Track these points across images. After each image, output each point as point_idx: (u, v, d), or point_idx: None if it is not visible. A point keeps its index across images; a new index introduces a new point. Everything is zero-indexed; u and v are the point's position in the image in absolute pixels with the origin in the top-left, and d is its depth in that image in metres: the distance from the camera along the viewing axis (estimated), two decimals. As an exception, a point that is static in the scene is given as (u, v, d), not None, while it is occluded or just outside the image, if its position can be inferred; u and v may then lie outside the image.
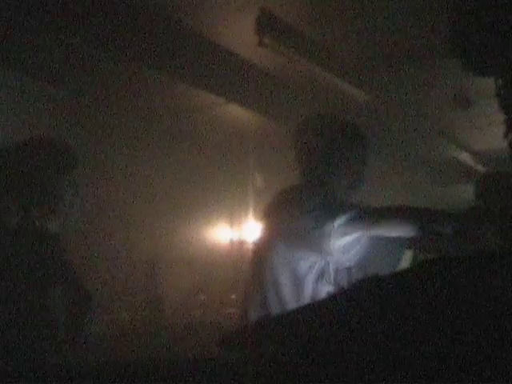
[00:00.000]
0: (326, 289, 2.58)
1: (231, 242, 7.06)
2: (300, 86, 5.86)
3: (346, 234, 2.48)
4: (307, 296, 2.54)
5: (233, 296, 6.27)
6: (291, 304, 2.49)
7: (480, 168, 8.55)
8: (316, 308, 1.25)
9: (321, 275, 2.58)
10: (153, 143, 6.13)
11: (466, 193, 4.99)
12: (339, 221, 2.46)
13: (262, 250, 2.64)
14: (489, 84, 1.70)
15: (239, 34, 4.86)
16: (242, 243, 6.90)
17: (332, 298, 1.31)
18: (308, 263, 2.55)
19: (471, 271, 1.06)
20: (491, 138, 7.05)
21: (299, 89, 5.88)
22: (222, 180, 6.70)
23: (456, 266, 1.08)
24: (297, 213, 2.54)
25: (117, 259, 5.64)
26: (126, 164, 5.80)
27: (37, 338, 2.14)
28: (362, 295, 1.13)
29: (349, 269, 2.63)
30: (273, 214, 2.68)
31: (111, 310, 5.33)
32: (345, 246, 2.50)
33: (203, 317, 6.27)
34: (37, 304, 2.16)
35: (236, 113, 5.86)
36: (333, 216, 2.47)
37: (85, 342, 2.33)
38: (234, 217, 7.06)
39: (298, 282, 2.54)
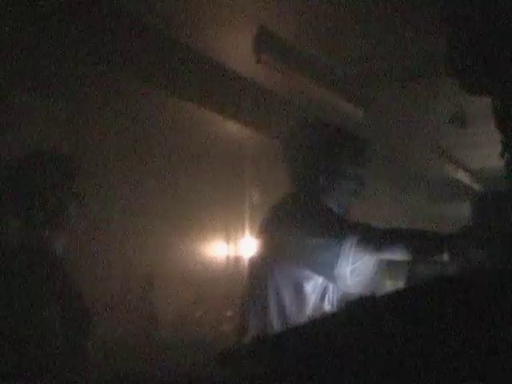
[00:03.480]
0: (328, 308, 2.53)
1: (227, 258, 7.05)
2: (298, 103, 5.87)
3: (354, 256, 2.40)
4: (309, 314, 2.48)
5: (229, 313, 6.25)
6: (294, 321, 2.43)
7: (477, 186, 8.57)
8: (314, 326, 1.25)
9: (324, 295, 2.54)
10: (150, 159, 6.13)
11: (462, 211, 4.99)
12: (350, 242, 2.38)
13: (264, 267, 2.56)
14: (486, 103, 1.71)
15: (238, 52, 4.89)
16: (238, 259, 6.89)
17: (329, 316, 1.32)
18: (313, 281, 2.50)
19: (468, 291, 1.07)
20: (488, 156, 7.07)
21: (297, 105, 5.90)
22: (218, 196, 6.71)
23: (453, 286, 1.09)
24: (299, 229, 2.46)
25: (112, 274, 5.62)
26: (122, 179, 5.80)
27: (35, 354, 2.13)
28: (358, 314, 1.13)
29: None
30: (272, 230, 2.59)
31: (106, 325, 5.31)
32: (352, 271, 2.42)
33: (199, 333, 6.24)
34: (36, 320, 2.16)
35: (233, 129, 5.88)
36: (342, 236, 2.39)
37: (83, 359, 2.32)
38: (230, 233, 7.05)
39: (302, 300, 2.48)
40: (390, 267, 2.71)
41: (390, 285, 2.82)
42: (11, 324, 2.12)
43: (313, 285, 2.50)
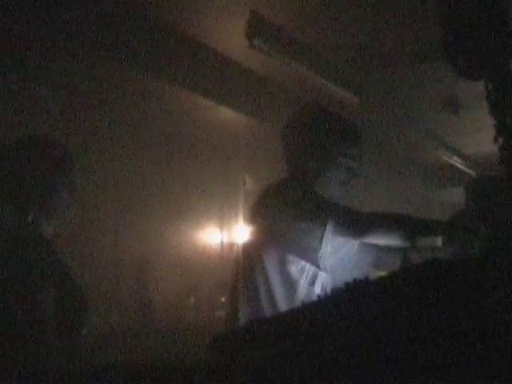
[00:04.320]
0: (318, 292, 2.54)
1: (221, 244, 7.06)
2: (290, 89, 5.86)
3: (334, 239, 2.42)
4: (300, 299, 2.44)
5: (223, 298, 6.26)
6: (284, 307, 2.41)
7: (470, 171, 8.58)
8: (305, 310, 1.25)
9: (312, 278, 2.52)
10: (143, 145, 6.12)
11: (456, 196, 5.00)
12: (329, 225, 2.38)
13: (253, 252, 2.54)
14: (478, 88, 1.71)
15: (230, 37, 4.87)
16: (232, 245, 6.89)
17: (321, 300, 1.32)
18: (299, 266, 2.48)
19: (461, 274, 1.07)
20: (481, 141, 7.08)
21: (289, 91, 5.89)
22: (212, 182, 6.71)
23: (447, 269, 1.09)
24: (287, 214, 2.44)
25: (107, 261, 5.62)
26: (116, 166, 5.79)
27: (29, 341, 2.13)
28: (352, 297, 1.13)
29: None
30: (262, 215, 2.57)
31: (101, 311, 5.31)
32: (332, 254, 2.44)
33: (193, 319, 6.26)
34: (30, 308, 2.15)
35: (226, 115, 5.86)
36: (323, 220, 2.38)
37: (77, 345, 2.32)
38: (224, 219, 7.06)
39: (290, 285, 2.47)
40: (383, 256, 2.72)
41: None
42: (4, 310, 2.12)
43: (300, 270, 2.49)
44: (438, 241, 2.40)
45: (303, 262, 2.49)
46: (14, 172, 2.34)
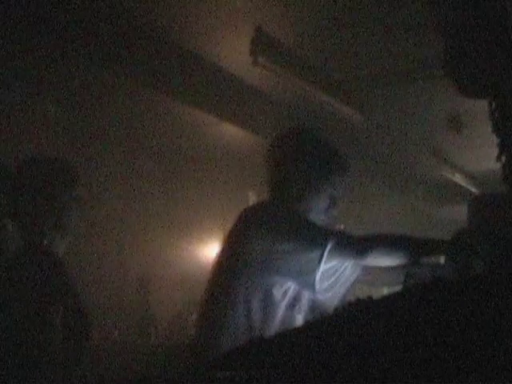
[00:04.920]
0: (298, 316, 2.46)
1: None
2: (294, 106, 5.88)
3: (328, 262, 2.35)
4: (278, 322, 2.40)
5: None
6: (261, 329, 2.35)
7: (473, 189, 8.58)
8: (308, 329, 1.25)
9: (293, 302, 2.46)
10: (146, 161, 6.13)
11: (459, 213, 4.99)
12: (330, 245, 2.32)
13: (230, 272, 2.44)
14: (481, 106, 1.72)
15: (234, 54, 4.89)
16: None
17: (324, 319, 1.32)
18: (283, 289, 2.41)
19: (465, 294, 1.07)
20: (484, 159, 7.08)
21: (294, 109, 5.90)
22: (215, 198, 6.70)
23: (450, 289, 1.09)
24: (276, 235, 2.36)
25: (109, 277, 5.62)
26: (119, 181, 5.80)
27: (36, 357, 2.13)
28: (357, 316, 1.13)
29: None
30: (245, 235, 2.46)
31: (103, 328, 5.30)
32: (324, 277, 2.37)
33: (196, 335, 6.23)
34: (37, 324, 2.15)
35: (230, 132, 5.87)
36: (325, 239, 2.33)
37: (82, 361, 2.32)
38: (227, 235, 7.03)
39: (270, 308, 2.39)
40: (385, 274, 2.71)
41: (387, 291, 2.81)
42: (13, 327, 2.12)
43: (283, 293, 2.42)
44: (441, 259, 2.40)
45: (288, 285, 2.42)
46: (25, 192, 2.35)
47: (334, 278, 2.47)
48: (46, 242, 2.34)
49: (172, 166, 6.37)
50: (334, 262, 2.39)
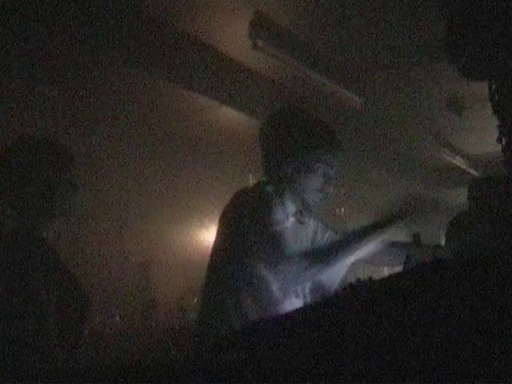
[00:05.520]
0: (297, 300, 2.45)
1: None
2: (294, 89, 5.87)
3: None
4: (274, 306, 2.39)
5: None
6: (255, 313, 2.34)
7: (474, 172, 8.59)
8: (308, 311, 1.25)
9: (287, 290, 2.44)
10: (146, 146, 6.12)
11: (459, 196, 4.99)
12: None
13: (223, 256, 2.46)
14: (482, 89, 1.71)
15: (233, 37, 4.87)
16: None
17: (324, 301, 1.32)
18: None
19: (465, 274, 1.07)
20: (485, 142, 7.08)
21: (293, 92, 5.89)
22: (215, 183, 6.70)
23: (449, 270, 1.09)
24: (268, 225, 2.33)
25: (110, 262, 5.63)
26: (119, 167, 5.80)
27: (31, 341, 2.13)
28: (357, 297, 1.13)
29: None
30: (237, 222, 2.45)
31: (104, 312, 5.32)
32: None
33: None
34: (32, 309, 2.15)
35: (230, 115, 5.87)
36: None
37: (78, 345, 2.32)
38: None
39: (263, 291, 2.38)
40: (385, 253, 2.71)
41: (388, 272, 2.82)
42: (6, 311, 2.12)
43: (274, 274, 2.40)
44: (441, 240, 2.41)
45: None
46: (15, 174, 2.34)
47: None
48: (35, 224, 2.33)
49: (172, 150, 6.37)
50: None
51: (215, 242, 2.57)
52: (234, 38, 4.87)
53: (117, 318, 5.52)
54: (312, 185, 2.54)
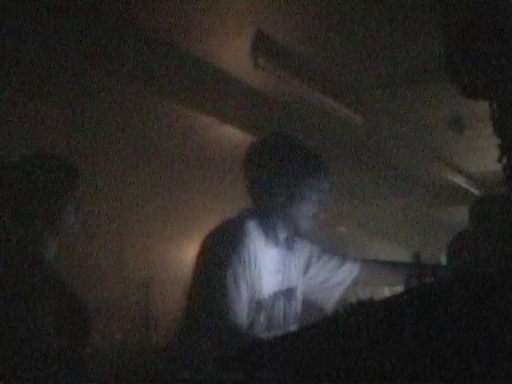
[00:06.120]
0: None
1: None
2: (295, 108, 5.88)
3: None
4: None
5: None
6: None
7: (474, 190, 8.58)
8: (310, 330, 1.24)
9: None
10: (147, 163, 6.13)
11: (460, 215, 4.99)
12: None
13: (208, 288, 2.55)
14: (483, 108, 1.72)
15: (235, 56, 4.88)
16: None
17: (325, 320, 1.31)
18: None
19: (464, 295, 1.07)
20: (485, 160, 7.08)
21: (294, 110, 5.90)
22: (215, 200, 6.70)
23: (449, 290, 1.09)
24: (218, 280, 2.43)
25: (110, 279, 5.62)
26: (120, 183, 5.80)
27: (30, 359, 2.12)
28: (358, 318, 1.13)
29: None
30: (199, 269, 2.65)
31: (104, 330, 5.30)
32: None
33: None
34: (29, 325, 2.15)
35: (230, 134, 5.88)
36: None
37: (80, 364, 2.31)
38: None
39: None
40: (387, 275, 2.71)
41: (389, 292, 2.82)
42: (5, 331, 2.11)
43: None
44: (442, 260, 2.41)
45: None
46: (21, 189, 2.34)
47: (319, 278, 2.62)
48: (38, 241, 2.33)
49: (173, 167, 6.37)
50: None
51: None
52: (235, 56, 4.88)
53: (117, 335, 5.50)
54: (305, 212, 2.51)
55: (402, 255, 7.67)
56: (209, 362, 2.12)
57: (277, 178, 2.49)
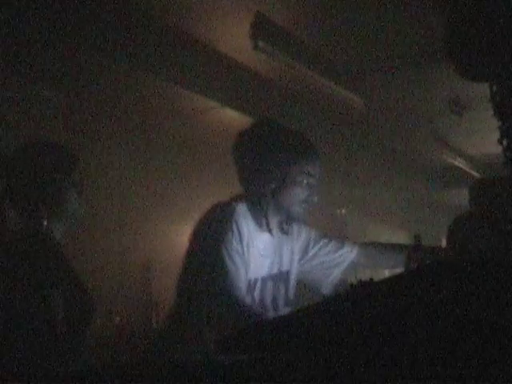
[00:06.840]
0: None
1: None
2: (295, 91, 5.87)
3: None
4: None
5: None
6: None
7: (475, 173, 8.58)
8: (311, 311, 1.25)
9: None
10: (147, 147, 6.12)
11: (460, 197, 4.99)
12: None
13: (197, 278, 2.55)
14: (483, 90, 1.72)
15: (234, 38, 4.87)
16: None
17: (325, 301, 1.32)
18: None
19: (465, 276, 1.07)
20: (486, 143, 7.08)
21: (294, 93, 5.89)
22: (216, 184, 6.70)
23: (448, 272, 1.09)
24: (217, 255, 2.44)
25: (111, 263, 5.62)
26: (120, 167, 5.79)
27: (37, 341, 2.14)
28: (358, 298, 1.13)
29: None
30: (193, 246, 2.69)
31: (105, 313, 5.32)
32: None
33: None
34: (38, 308, 2.16)
35: (231, 117, 5.87)
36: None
37: (82, 346, 2.33)
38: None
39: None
40: (387, 257, 2.73)
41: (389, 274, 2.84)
42: (13, 312, 2.13)
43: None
44: (442, 242, 2.42)
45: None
46: (23, 178, 2.36)
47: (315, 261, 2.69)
48: (43, 226, 2.35)
49: (173, 151, 6.37)
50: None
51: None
52: (235, 38, 4.87)
53: (117, 319, 5.52)
54: (297, 197, 2.54)
55: (403, 238, 7.69)
56: (208, 344, 2.14)
57: (266, 164, 2.51)
